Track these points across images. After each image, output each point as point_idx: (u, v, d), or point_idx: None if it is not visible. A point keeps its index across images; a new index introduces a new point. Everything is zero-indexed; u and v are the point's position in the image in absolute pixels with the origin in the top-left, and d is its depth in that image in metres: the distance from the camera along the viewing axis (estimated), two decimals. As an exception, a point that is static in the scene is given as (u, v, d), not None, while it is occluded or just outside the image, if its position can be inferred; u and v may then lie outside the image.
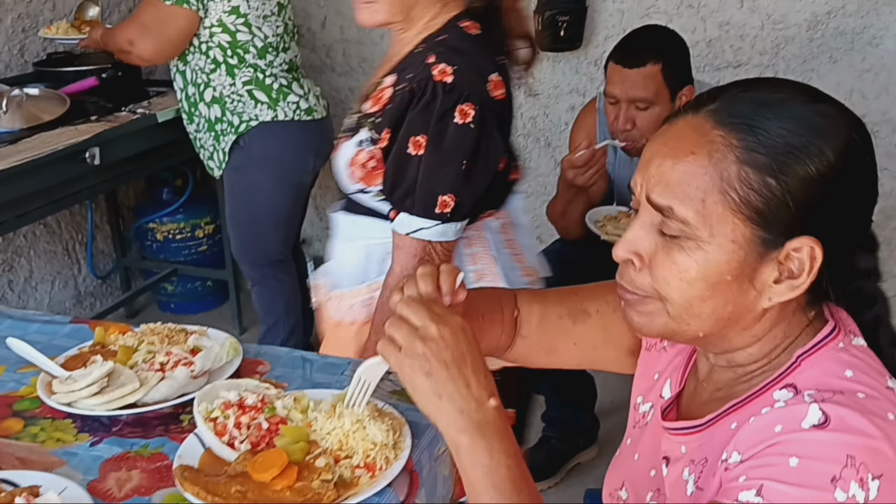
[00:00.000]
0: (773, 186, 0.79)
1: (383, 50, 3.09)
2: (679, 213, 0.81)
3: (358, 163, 1.47)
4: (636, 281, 0.86)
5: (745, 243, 0.80)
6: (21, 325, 1.45)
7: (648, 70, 2.05)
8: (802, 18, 2.62)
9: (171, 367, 1.19)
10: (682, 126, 0.84)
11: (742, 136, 0.80)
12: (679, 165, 0.81)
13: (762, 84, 0.86)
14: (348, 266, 1.55)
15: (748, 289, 0.82)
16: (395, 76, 1.45)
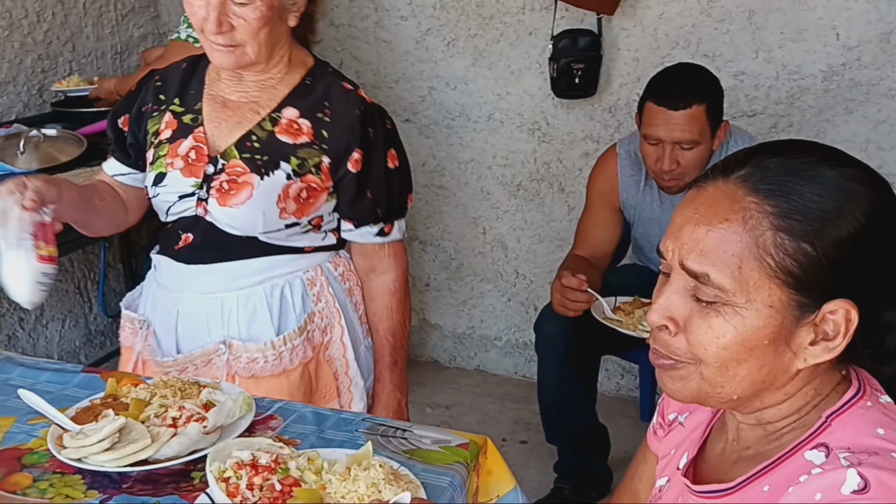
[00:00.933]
0: (809, 252, 0.80)
1: (399, 94, 3.12)
2: (715, 279, 0.82)
3: (290, 196, 1.52)
4: (671, 345, 0.87)
5: (782, 307, 0.81)
6: (32, 373, 1.44)
7: (693, 111, 2.04)
8: (817, 69, 2.63)
9: (184, 423, 1.18)
10: (714, 192, 0.85)
11: (776, 203, 0.81)
12: (713, 232, 0.82)
13: (790, 148, 0.87)
14: (261, 314, 1.55)
15: (784, 351, 0.83)
16: (294, 110, 1.53)
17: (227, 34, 1.44)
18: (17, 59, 2.75)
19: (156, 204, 1.60)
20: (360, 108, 1.55)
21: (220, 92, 1.58)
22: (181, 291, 1.58)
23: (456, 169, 3.14)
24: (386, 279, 1.66)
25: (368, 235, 1.62)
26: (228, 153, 1.53)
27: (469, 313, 3.30)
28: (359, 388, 1.65)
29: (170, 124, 1.58)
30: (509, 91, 2.97)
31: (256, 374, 1.53)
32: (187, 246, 1.56)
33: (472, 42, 2.96)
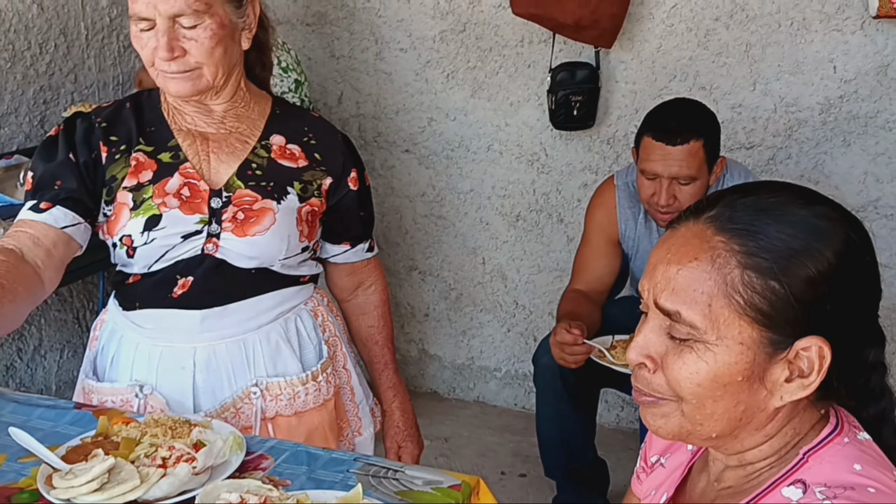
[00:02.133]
0: (777, 289, 0.81)
1: (398, 125, 3.14)
2: (687, 317, 0.83)
3: (303, 220, 1.52)
4: (652, 383, 0.88)
5: (754, 344, 0.83)
6: (24, 409, 1.43)
7: (691, 147, 2.04)
8: (815, 102, 2.63)
9: (174, 463, 1.17)
10: (685, 232, 0.87)
11: (743, 242, 0.83)
12: (684, 271, 0.84)
13: (760, 189, 0.89)
14: (284, 349, 1.53)
15: (759, 388, 0.84)
16: (280, 136, 1.54)
17: (179, 59, 1.39)
18: (19, 90, 2.77)
19: (144, 252, 1.44)
20: (337, 132, 1.62)
21: (193, 126, 1.51)
22: (195, 341, 1.47)
23: (455, 199, 3.15)
24: (375, 290, 1.71)
25: (361, 252, 1.67)
26: (232, 184, 1.48)
27: (468, 344, 3.29)
28: (366, 414, 1.68)
29: (143, 165, 1.47)
30: (508, 122, 2.99)
31: (299, 409, 1.51)
32: (187, 291, 1.46)
33: (471, 74, 2.98)
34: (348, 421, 1.65)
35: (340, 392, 1.64)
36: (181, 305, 1.47)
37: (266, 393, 1.49)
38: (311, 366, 1.55)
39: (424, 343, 3.35)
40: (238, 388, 1.49)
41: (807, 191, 0.89)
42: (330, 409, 1.57)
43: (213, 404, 1.47)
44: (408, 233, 3.23)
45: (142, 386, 1.49)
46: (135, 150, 1.49)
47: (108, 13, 2.99)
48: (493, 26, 2.90)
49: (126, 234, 1.45)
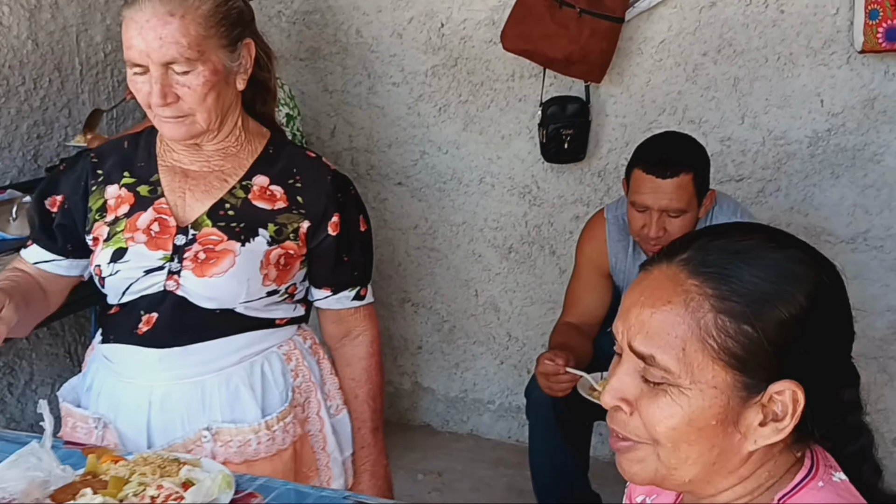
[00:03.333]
0: (750, 333, 0.81)
1: (391, 158, 3.16)
2: (660, 361, 0.83)
3: (271, 262, 1.49)
4: (628, 426, 0.88)
5: (727, 388, 0.82)
6: (11, 447, 1.42)
7: (681, 180, 2.05)
8: (803, 135, 2.66)
9: (162, 502, 1.16)
10: (658, 275, 0.87)
11: (716, 285, 0.83)
12: (657, 314, 0.84)
13: (733, 231, 0.90)
14: (244, 394, 1.49)
15: (733, 432, 0.84)
16: (264, 177, 1.52)
17: (173, 105, 1.40)
18: (12, 125, 2.79)
19: (111, 284, 1.48)
20: (329, 174, 1.57)
21: (177, 162, 1.53)
22: (153, 380, 1.47)
23: (448, 231, 3.16)
24: (362, 341, 1.64)
25: (346, 300, 1.61)
26: (200, 223, 1.48)
27: (462, 376, 3.28)
28: (337, 464, 1.62)
29: (123, 199, 1.51)
30: (500, 155, 3.01)
31: (249, 458, 1.47)
32: (152, 328, 1.47)
33: (463, 108, 3.01)
34: (317, 470, 1.60)
35: (310, 440, 1.59)
36: (145, 343, 1.48)
37: (217, 437, 1.46)
38: (273, 412, 1.51)
39: (417, 376, 3.34)
40: (190, 430, 1.47)
41: (779, 233, 0.90)
42: (285, 459, 1.52)
43: (164, 443, 1.46)
44: (400, 265, 3.24)
45: (100, 418, 1.51)
46: (120, 185, 1.53)
47: (103, 48, 3.02)
48: (484, 61, 2.94)
49: (97, 263, 1.50)
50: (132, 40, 1.38)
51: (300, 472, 1.56)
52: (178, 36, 1.37)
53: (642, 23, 2.72)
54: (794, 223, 2.71)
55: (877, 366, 2.73)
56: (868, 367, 2.73)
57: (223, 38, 1.42)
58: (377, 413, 1.66)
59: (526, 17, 2.64)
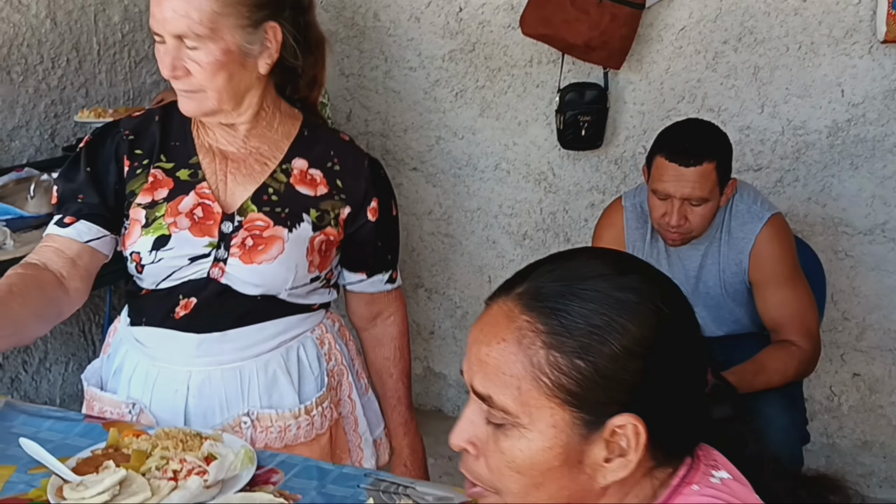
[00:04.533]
0: (583, 367, 0.78)
1: (407, 143, 3.15)
2: (498, 401, 0.80)
3: (315, 250, 1.48)
4: (475, 470, 0.85)
5: (566, 427, 0.79)
6: (34, 420, 1.43)
7: (705, 168, 2.03)
8: (823, 125, 2.65)
9: (185, 476, 1.17)
10: (496, 311, 0.84)
11: (546, 321, 0.80)
12: (493, 352, 0.81)
13: (573, 258, 0.86)
14: (282, 380, 1.49)
15: (579, 472, 0.81)
16: (303, 160, 1.50)
17: (183, 79, 1.38)
18: (30, 103, 2.79)
19: (152, 270, 1.44)
20: (365, 158, 1.56)
21: (214, 143, 1.50)
22: (190, 364, 1.45)
23: (462, 217, 3.15)
24: (394, 321, 1.66)
25: (380, 284, 1.61)
26: (245, 208, 1.45)
27: (473, 362, 3.28)
28: (369, 445, 1.63)
29: (162, 183, 1.47)
30: (516, 141, 3.00)
31: (289, 443, 1.47)
32: (189, 313, 1.45)
33: (479, 93, 3.00)
34: (349, 452, 1.61)
35: (343, 422, 1.60)
36: (181, 327, 1.46)
37: (257, 423, 1.47)
38: (309, 397, 1.51)
39: (430, 361, 3.35)
40: (230, 416, 1.46)
41: (620, 260, 0.86)
42: (323, 443, 1.53)
43: (203, 429, 1.44)
44: (414, 250, 3.24)
45: (134, 403, 1.49)
46: (154, 167, 1.49)
47: (121, 28, 3.01)
48: (502, 46, 2.92)
49: (136, 250, 1.46)
50: (154, 8, 1.37)
51: (334, 455, 1.56)
52: (190, 10, 1.35)
53: (663, 9, 2.70)
54: (811, 214, 2.69)
55: (892, 358, 2.72)
56: (883, 358, 2.72)
57: (242, 19, 1.39)
58: (410, 390, 1.68)
59: (546, 2, 2.62)
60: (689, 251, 2.22)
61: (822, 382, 2.78)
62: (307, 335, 1.54)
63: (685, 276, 2.25)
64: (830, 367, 2.76)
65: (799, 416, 2.20)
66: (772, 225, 2.14)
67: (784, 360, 2.11)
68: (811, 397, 2.71)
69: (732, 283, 2.19)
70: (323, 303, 1.58)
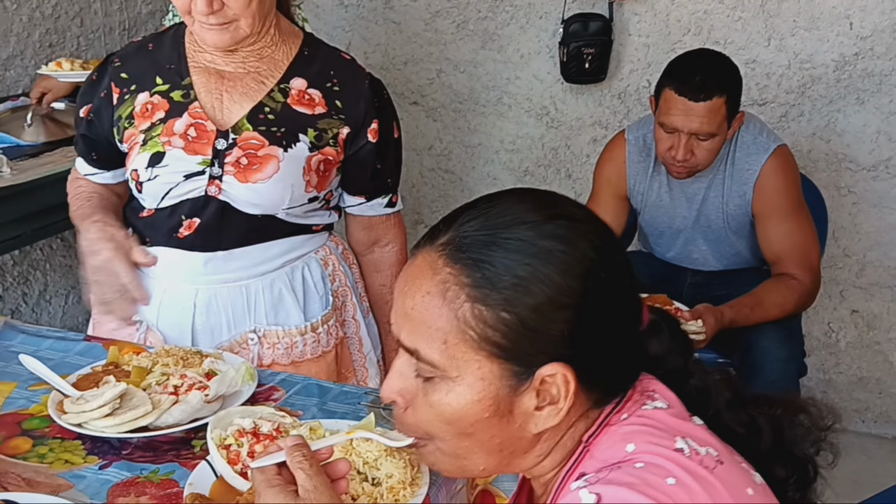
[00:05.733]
0: (508, 320, 0.77)
1: (407, 76, 3.10)
2: (425, 355, 0.80)
3: (312, 169, 1.47)
4: (406, 422, 0.85)
5: (495, 379, 0.78)
6: (34, 340, 1.44)
7: (714, 103, 1.99)
8: (830, 59, 2.60)
9: (185, 391, 1.17)
10: (420, 262, 0.81)
11: (470, 273, 0.78)
12: (418, 306, 0.80)
13: (498, 203, 0.83)
14: (287, 298, 1.50)
15: (510, 421, 0.80)
16: (302, 80, 1.48)
17: (218, 12, 1.36)
18: (24, 32, 2.74)
19: (150, 189, 1.45)
20: (366, 77, 1.54)
21: (211, 63, 1.48)
22: (196, 282, 1.46)
23: (463, 153, 3.13)
24: (392, 249, 1.66)
25: (379, 207, 1.61)
26: (240, 126, 1.45)
27: (473, 298, 3.28)
28: (373, 364, 1.64)
29: (157, 105, 1.47)
30: (518, 75, 2.96)
31: (296, 359, 1.49)
32: (194, 232, 1.45)
33: (481, 25, 2.95)
34: (354, 371, 1.63)
35: (347, 342, 1.62)
36: (186, 246, 1.47)
37: (263, 340, 1.48)
38: (314, 316, 1.53)
39: (429, 297, 3.35)
40: (236, 333, 1.48)
41: (548, 204, 0.83)
42: (329, 360, 1.55)
43: (210, 346, 1.46)
44: (414, 186, 3.21)
45: (141, 321, 1.50)
46: (152, 93, 1.48)
47: (115, -44, 2.94)
48: (505, -24, 2.86)
49: (134, 167, 1.47)
50: None
51: (339, 374, 1.58)
52: None
53: (670, -62, 2.64)
54: (815, 149, 2.67)
55: (891, 295, 2.72)
56: (882, 295, 2.72)
57: None
58: None
59: (550, -72, 2.56)
60: (692, 183, 2.20)
61: (820, 319, 2.79)
62: (311, 256, 1.55)
63: (687, 208, 2.24)
64: (829, 303, 2.76)
65: (797, 348, 2.21)
66: (777, 156, 2.12)
67: (783, 293, 2.11)
68: (809, 333, 2.72)
69: (735, 215, 2.18)
70: (325, 224, 1.58)
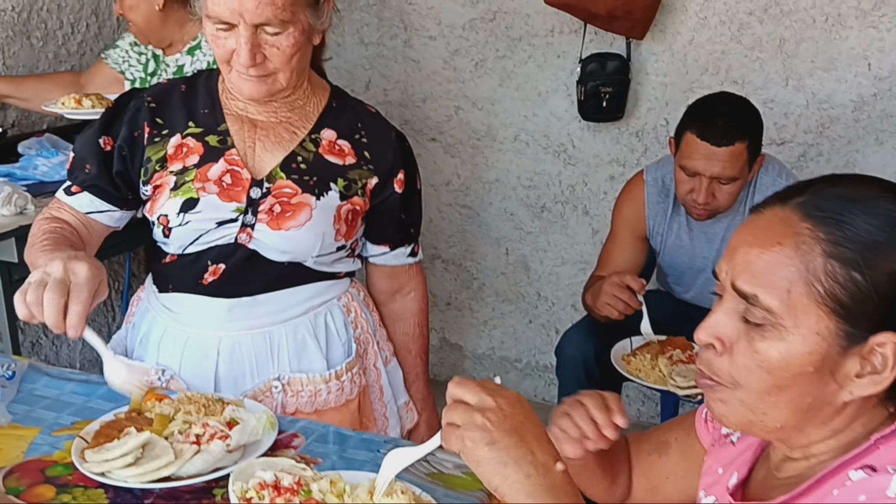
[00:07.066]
0: (859, 281, 0.80)
1: (425, 113, 3.13)
2: (764, 301, 0.82)
3: (342, 218, 1.49)
4: (713, 365, 0.87)
5: (829, 336, 0.81)
6: (57, 383, 1.44)
7: (736, 148, 2.00)
8: (848, 99, 2.61)
9: (207, 440, 1.17)
10: (770, 217, 0.86)
11: (829, 230, 0.81)
12: (765, 255, 0.83)
13: (850, 180, 0.88)
14: (311, 345, 1.50)
15: (829, 381, 0.82)
16: (331, 131, 1.50)
17: (260, 65, 1.38)
18: (50, 68, 2.79)
19: (179, 233, 1.44)
20: (392, 130, 1.57)
21: (243, 112, 1.50)
22: (220, 329, 1.46)
23: (480, 189, 3.14)
24: (415, 297, 1.67)
25: (402, 257, 1.62)
26: (274, 175, 1.45)
27: (489, 334, 3.29)
28: (394, 413, 1.64)
29: (191, 149, 1.47)
30: (536, 112, 2.98)
31: (320, 407, 1.49)
32: (219, 278, 1.45)
33: (500, 63, 2.97)
34: (375, 420, 1.62)
35: (368, 391, 1.61)
36: (211, 293, 1.47)
37: (288, 388, 1.48)
38: (337, 363, 1.52)
39: (445, 332, 3.35)
40: (260, 381, 1.47)
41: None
42: (352, 409, 1.54)
43: (234, 394, 1.45)
44: (432, 221, 3.23)
45: (164, 369, 1.49)
46: (184, 136, 1.48)
47: (140, -6, 3.00)
48: (523, 15, 2.89)
49: (163, 213, 1.46)
50: None
51: (360, 423, 1.57)
52: None
53: (687, -21, 2.66)
54: (834, 189, 2.66)
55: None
56: None
57: None
58: (428, 366, 1.70)
59: (570, -30, 2.59)
60: (712, 225, 2.20)
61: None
62: (334, 302, 1.55)
63: (708, 248, 2.24)
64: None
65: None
66: (796, 199, 2.12)
67: None
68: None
69: (754, 256, 2.18)
70: (348, 271, 1.59)
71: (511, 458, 0.85)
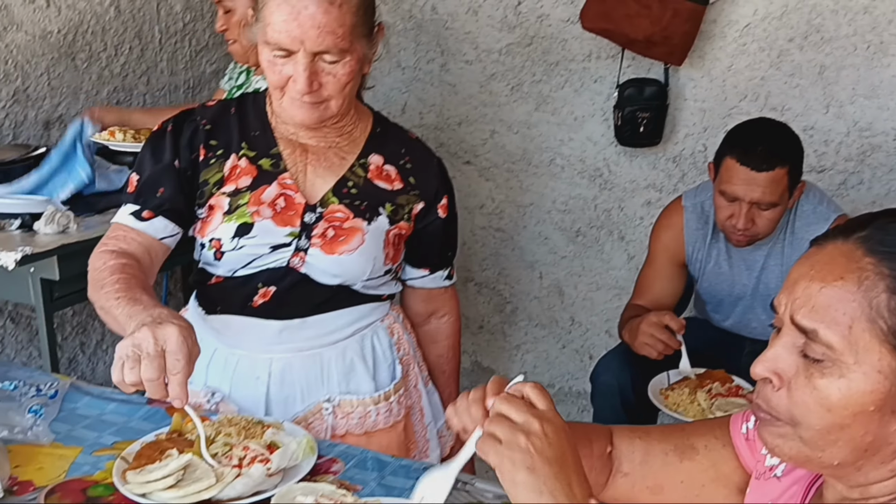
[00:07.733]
0: None
1: (461, 136, 3.14)
2: (824, 337, 0.80)
3: (390, 243, 1.51)
4: (772, 401, 0.85)
5: (892, 374, 0.79)
6: (98, 403, 1.46)
7: (776, 174, 1.99)
8: (890, 127, 2.57)
9: (248, 463, 1.17)
10: (832, 251, 0.84)
11: (894, 266, 0.79)
12: (827, 289, 0.81)
13: None
14: (359, 367, 1.52)
15: (890, 420, 0.80)
16: (378, 156, 1.52)
17: (315, 92, 1.38)
18: (93, 90, 2.84)
19: (231, 257, 1.44)
20: (434, 156, 1.59)
21: (294, 136, 1.50)
22: (271, 351, 1.48)
23: (515, 212, 3.14)
24: (449, 320, 1.69)
25: (440, 280, 1.65)
26: (326, 199, 1.47)
27: (522, 358, 3.27)
28: (433, 436, 1.65)
29: (244, 171, 1.47)
30: (572, 137, 2.97)
31: (369, 429, 1.50)
32: (269, 300, 1.46)
33: (536, 88, 2.98)
34: (416, 442, 1.63)
35: (410, 412, 1.62)
36: (260, 314, 1.48)
37: (338, 410, 1.49)
38: (384, 385, 1.54)
39: (478, 355, 3.34)
40: (311, 403, 1.48)
41: None
42: (399, 430, 1.56)
43: (284, 417, 1.45)
44: (465, 244, 3.23)
45: (214, 392, 1.50)
46: (239, 156, 1.48)
47: (182, 18, 3.05)
48: (560, 40, 2.90)
49: (216, 237, 1.45)
50: (285, 24, 1.33)
51: (405, 445, 1.58)
52: (336, 26, 1.34)
53: (727, 5, 2.65)
54: (875, 217, 2.62)
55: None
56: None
57: (366, 27, 1.41)
58: (458, 388, 1.71)
59: (608, -4, 2.59)
60: (751, 252, 2.17)
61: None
62: (378, 324, 1.57)
63: (747, 276, 2.21)
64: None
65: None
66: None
67: None
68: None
69: (794, 285, 2.15)
70: (391, 294, 1.61)
71: (548, 488, 0.84)
